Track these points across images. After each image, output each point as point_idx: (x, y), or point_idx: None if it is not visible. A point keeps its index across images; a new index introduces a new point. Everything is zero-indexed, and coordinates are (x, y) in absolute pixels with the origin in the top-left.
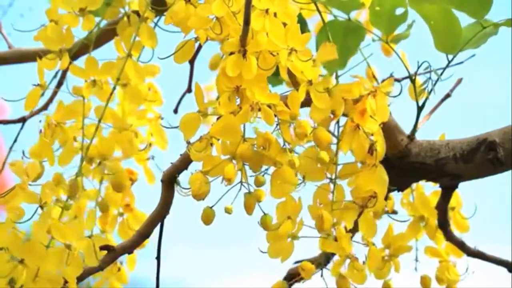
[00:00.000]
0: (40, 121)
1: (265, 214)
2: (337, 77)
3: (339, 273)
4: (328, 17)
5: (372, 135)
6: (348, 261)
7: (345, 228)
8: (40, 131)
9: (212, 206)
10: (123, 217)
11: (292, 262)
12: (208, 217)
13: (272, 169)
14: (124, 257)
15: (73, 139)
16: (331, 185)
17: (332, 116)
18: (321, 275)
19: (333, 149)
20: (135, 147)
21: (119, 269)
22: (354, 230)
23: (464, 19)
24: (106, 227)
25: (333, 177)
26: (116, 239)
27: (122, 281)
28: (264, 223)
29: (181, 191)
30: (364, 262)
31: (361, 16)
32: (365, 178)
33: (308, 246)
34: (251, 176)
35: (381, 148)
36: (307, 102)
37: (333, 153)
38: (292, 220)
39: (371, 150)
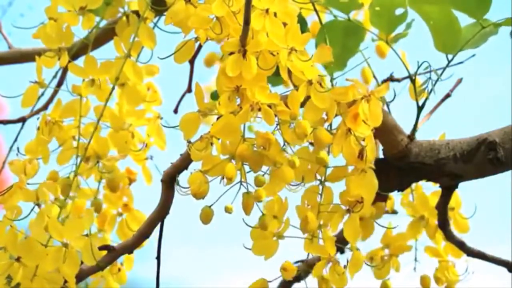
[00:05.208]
0: (37, 118)
1: (263, 214)
2: (332, 79)
3: (321, 276)
4: (328, 17)
5: (363, 140)
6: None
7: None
8: (38, 128)
9: (211, 205)
10: (122, 217)
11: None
12: (207, 216)
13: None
14: (122, 257)
15: (71, 138)
16: (320, 187)
17: (325, 118)
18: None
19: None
20: (131, 147)
21: (119, 270)
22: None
23: (464, 19)
24: (104, 227)
25: (323, 179)
26: (114, 239)
27: (121, 281)
28: (263, 223)
29: (181, 190)
30: (345, 266)
31: (358, 16)
32: (354, 183)
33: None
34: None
35: (371, 153)
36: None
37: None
38: (278, 220)
39: (361, 155)
